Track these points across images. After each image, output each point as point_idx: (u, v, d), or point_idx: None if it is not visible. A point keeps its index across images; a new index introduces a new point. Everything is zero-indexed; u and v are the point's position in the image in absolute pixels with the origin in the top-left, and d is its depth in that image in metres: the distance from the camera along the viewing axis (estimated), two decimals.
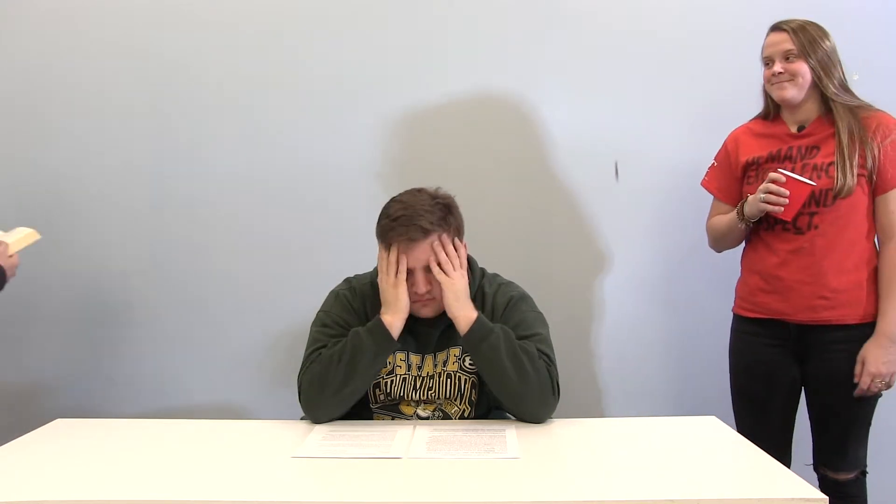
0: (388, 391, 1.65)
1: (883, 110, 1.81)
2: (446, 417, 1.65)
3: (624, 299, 2.34)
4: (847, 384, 1.78)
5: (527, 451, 1.38)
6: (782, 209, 1.75)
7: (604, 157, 2.30)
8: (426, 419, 1.64)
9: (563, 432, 1.52)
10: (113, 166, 2.31)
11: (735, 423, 1.94)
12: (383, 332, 1.56)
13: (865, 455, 1.85)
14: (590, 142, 2.30)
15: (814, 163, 1.80)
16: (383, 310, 1.60)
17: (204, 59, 2.30)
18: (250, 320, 2.35)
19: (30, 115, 2.28)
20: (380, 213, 1.62)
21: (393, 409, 1.66)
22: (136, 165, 2.27)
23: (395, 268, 1.58)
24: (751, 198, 1.82)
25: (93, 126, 2.25)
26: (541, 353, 1.57)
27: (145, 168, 2.30)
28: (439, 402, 1.65)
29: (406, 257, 1.57)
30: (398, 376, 1.64)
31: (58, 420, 1.65)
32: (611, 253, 2.34)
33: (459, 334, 1.61)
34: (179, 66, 2.29)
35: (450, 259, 1.58)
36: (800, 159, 1.82)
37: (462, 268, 1.61)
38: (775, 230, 1.83)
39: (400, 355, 1.65)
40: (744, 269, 1.96)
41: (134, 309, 2.35)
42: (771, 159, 1.86)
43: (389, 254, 1.58)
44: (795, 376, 1.86)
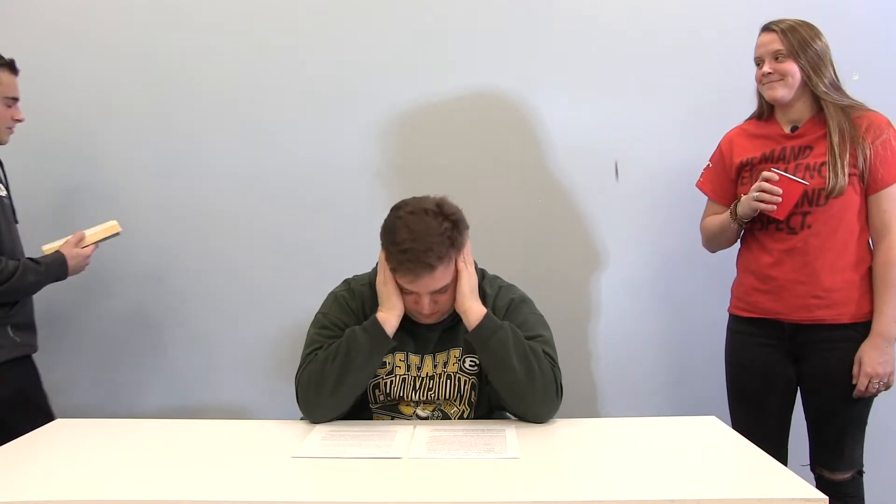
0: (388, 391, 1.65)
1: (874, 110, 1.81)
2: (445, 417, 1.65)
3: (623, 299, 2.34)
4: (842, 383, 1.79)
5: (527, 451, 1.38)
6: (775, 208, 1.75)
7: (604, 157, 2.31)
8: (426, 419, 1.64)
9: (563, 432, 1.52)
10: (112, 167, 2.31)
11: (731, 422, 1.94)
12: (378, 330, 1.56)
13: (862, 455, 1.86)
14: (590, 142, 2.30)
15: (806, 163, 1.80)
16: (379, 307, 1.60)
17: (204, 59, 2.30)
18: (250, 320, 2.35)
19: (30, 115, 2.28)
20: (384, 225, 1.57)
21: (392, 409, 1.66)
22: (136, 166, 2.27)
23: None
24: (744, 198, 1.82)
25: (92, 126, 2.24)
26: (546, 355, 1.57)
27: (145, 169, 2.30)
28: (439, 402, 1.65)
29: (410, 285, 1.55)
30: (398, 377, 1.64)
31: (58, 420, 1.65)
32: (610, 253, 2.34)
33: (461, 334, 1.62)
34: (180, 66, 2.29)
35: (466, 257, 1.58)
36: (793, 159, 1.83)
37: (471, 265, 1.62)
38: (769, 230, 1.84)
39: (399, 355, 1.65)
40: (739, 268, 1.96)
41: (134, 309, 2.35)
42: (764, 160, 1.86)
43: (390, 275, 1.56)
44: (791, 376, 1.87)
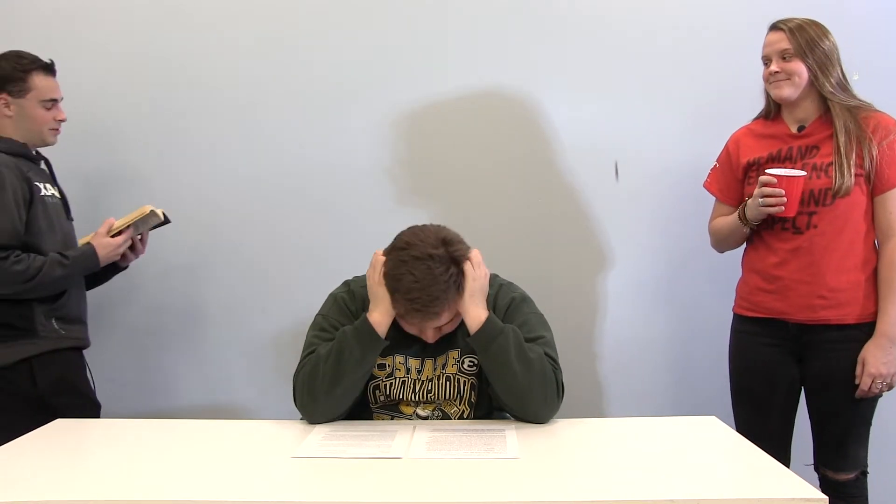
0: (388, 393, 1.64)
1: (882, 111, 1.81)
2: (446, 417, 1.65)
3: (624, 299, 2.34)
4: (847, 384, 1.78)
5: (527, 451, 1.38)
6: (783, 208, 1.75)
7: (604, 157, 2.30)
8: (426, 419, 1.64)
9: (563, 432, 1.52)
10: (113, 168, 2.31)
11: (734, 422, 1.94)
12: (369, 331, 1.55)
13: (866, 455, 1.85)
14: (590, 142, 2.30)
15: (813, 162, 1.80)
16: (371, 307, 1.58)
17: (205, 59, 2.30)
18: (251, 321, 2.35)
19: None
20: (389, 268, 1.52)
21: (392, 409, 1.66)
22: (136, 167, 2.27)
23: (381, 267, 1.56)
24: (750, 202, 1.82)
25: (92, 127, 2.24)
26: (547, 356, 1.56)
27: (146, 169, 2.30)
28: (439, 402, 1.65)
29: (414, 329, 1.57)
30: (397, 379, 1.64)
31: (58, 420, 1.65)
32: (611, 252, 2.34)
33: (460, 336, 1.61)
34: (180, 66, 2.29)
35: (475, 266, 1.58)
36: (800, 159, 1.83)
37: (481, 266, 1.59)
38: (775, 229, 1.83)
39: (399, 358, 1.64)
40: (744, 268, 1.96)
41: (134, 309, 2.35)
42: (771, 160, 1.86)
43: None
44: (795, 376, 1.87)
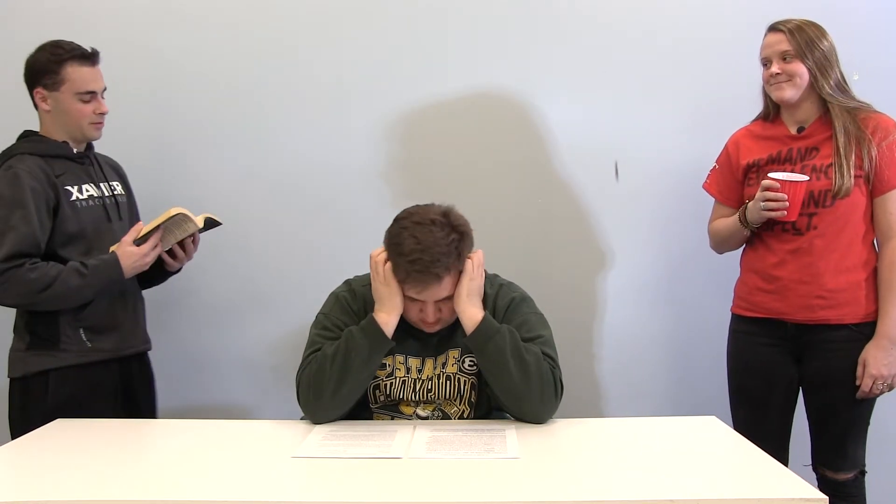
0: (388, 392, 1.65)
1: (881, 112, 1.81)
2: (446, 417, 1.65)
3: (624, 299, 2.34)
4: (845, 384, 1.78)
5: (527, 451, 1.38)
6: (785, 213, 1.75)
7: (604, 157, 2.30)
8: (426, 419, 1.64)
9: (563, 432, 1.52)
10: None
11: (732, 422, 1.94)
12: (376, 330, 1.55)
13: (864, 455, 1.86)
14: (590, 142, 2.30)
15: (813, 164, 1.80)
16: (377, 307, 1.59)
17: (204, 59, 2.29)
18: (251, 320, 2.34)
19: (30, 115, 2.28)
20: (390, 235, 1.56)
21: (392, 409, 1.66)
22: (136, 166, 2.26)
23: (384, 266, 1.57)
24: (751, 205, 1.81)
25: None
26: (545, 355, 1.57)
27: (145, 169, 2.30)
28: (439, 402, 1.65)
29: (416, 294, 1.55)
30: (398, 379, 1.64)
31: (58, 420, 1.65)
32: (611, 253, 2.33)
33: (460, 336, 1.61)
34: (180, 66, 2.29)
35: (475, 265, 1.58)
36: (799, 161, 1.83)
37: (480, 267, 1.60)
38: (774, 230, 1.83)
39: (399, 358, 1.64)
40: (743, 268, 1.96)
41: None
42: (771, 161, 1.86)
43: (390, 275, 1.55)
44: (793, 376, 1.87)
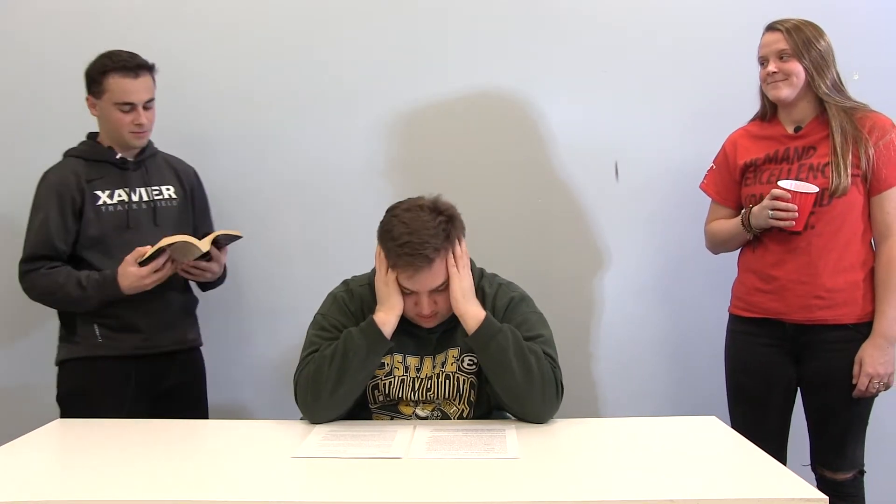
0: (387, 392, 1.64)
1: (877, 111, 1.81)
2: (445, 417, 1.65)
3: (623, 299, 2.34)
4: (844, 384, 1.79)
5: (527, 451, 1.38)
6: (794, 223, 1.75)
7: (604, 156, 2.30)
8: (425, 419, 1.64)
9: (563, 432, 1.52)
10: None
11: (731, 422, 1.94)
12: (375, 331, 1.56)
13: (863, 454, 1.86)
14: (590, 142, 2.30)
15: (810, 163, 1.80)
16: (377, 308, 1.59)
17: (205, 59, 2.29)
18: (250, 320, 2.34)
19: (30, 115, 2.28)
20: (381, 225, 1.59)
21: (392, 409, 1.66)
22: None
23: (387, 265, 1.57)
24: (756, 209, 1.81)
25: (92, 126, 2.24)
26: (546, 355, 1.57)
27: None
28: (438, 402, 1.65)
29: (409, 282, 1.55)
30: (396, 378, 1.64)
31: (58, 420, 1.65)
32: (610, 253, 2.33)
33: (459, 335, 1.61)
34: (180, 66, 2.28)
35: (457, 258, 1.57)
36: (796, 160, 1.83)
37: (467, 266, 1.61)
38: (772, 230, 1.83)
39: (398, 357, 1.64)
40: (740, 268, 1.96)
41: None
42: (768, 161, 1.86)
43: (391, 275, 1.56)
44: (792, 376, 1.87)
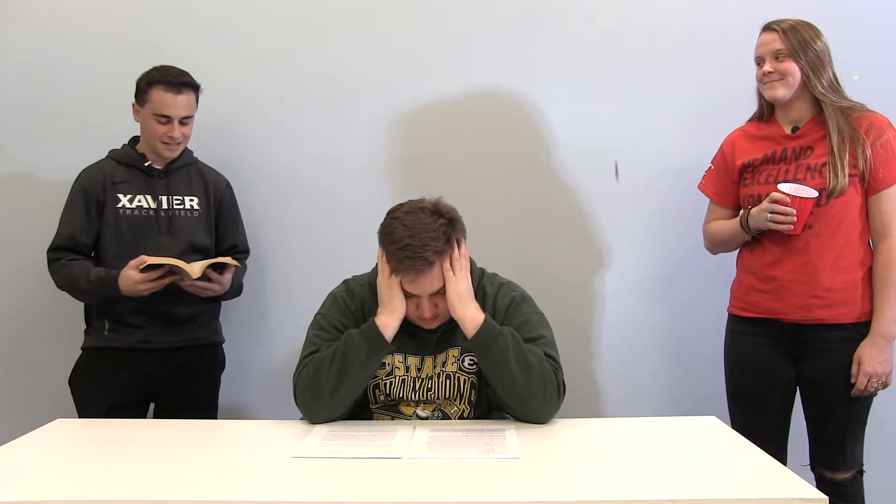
0: (388, 392, 1.65)
1: (874, 111, 1.82)
2: (445, 417, 1.65)
3: (623, 299, 2.34)
4: (843, 384, 1.79)
5: (527, 451, 1.38)
6: (792, 227, 1.75)
7: (604, 157, 2.30)
8: (426, 419, 1.64)
9: (563, 432, 1.52)
10: None
11: (730, 422, 1.94)
12: (376, 334, 1.55)
13: (862, 454, 1.86)
14: (590, 142, 2.30)
15: (807, 163, 1.81)
16: (379, 310, 1.59)
17: (206, 58, 2.29)
18: (249, 320, 2.34)
19: (29, 115, 2.28)
20: (381, 227, 1.58)
21: (392, 409, 1.66)
22: None
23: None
24: (755, 211, 1.81)
25: (93, 126, 2.24)
26: (547, 356, 1.57)
27: None
28: (438, 402, 1.65)
29: (411, 286, 1.55)
30: (397, 377, 1.64)
31: (58, 420, 1.65)
32: (610, 252, 2.34)
33: (459, 335, 1.61)
34: (181, 65, 2.28)
35: (454, 262, 1.57)
36: (794, 160, 1.83)
37: (465, 269, 1.60)
38: (771, 231, 1.83)
39: (398, 357, 1.64)
40: (739, 268, 1.96)
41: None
42: (766, 161, 1.86)
43: (395, 278, 1.56)
44: (791, 376, 1.87)
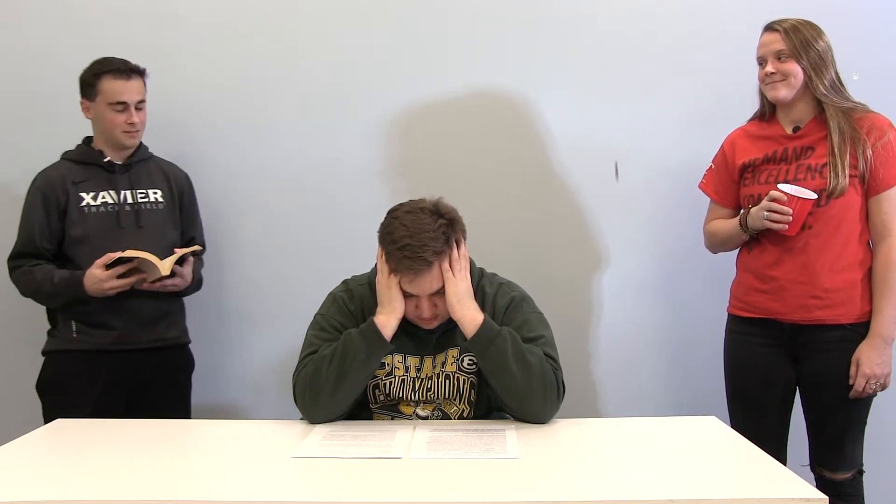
0: (388, 392, 1.65)
1: (876, 112, 1.82)
2: (445, 417, 1.65)
3: (623, 299, 2.34)
4: (842, 384, 1.79)
5: (527, 451, 1.38)
6: (787, 227, 1.75)
7: (604, 156, 2.30)
8: (425, 419, 1.64)
9: (563, 432, 1.52)
10: None
11: (730, 423, 1.94)
12: (375, 333, 1.55)
13: (862, 454, 1.86)
14: (590, 142, 2.30)
15: (808, 163, 1.81)
16: (378, 309, 1.59)
17: (204, 59, 2.29)
18: (249, 320, 2.34)
19: (29, 114, 2.28)
20: (381, 227, 1.58)
21: (392, 409, 1.66)
22: None
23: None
24: (753, 211, 1.81)
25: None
26: (547, 356, 1.57)
27: None
28: (438, 402, 1.65)
29: (410, 286, 1.55)
30: (397, 378, 1.64)
31: (58, 420, 1.65)
32: (610, 253, 2.33)
33: (459, 335, 1.61)
34: (180, 66, 2.29)
35: (453, 262, 1.56)
36: (795, 160, 1.83)
37: (465, 270, 1.59)
38: (770, 231, 1.83)
39: (398, 357, 1.64)
40: (739, 268, 1.96)
41: None
42: (767, 161, 1.86)
43: (394, 278, 1.56)
44: (790, 376, 1.87)
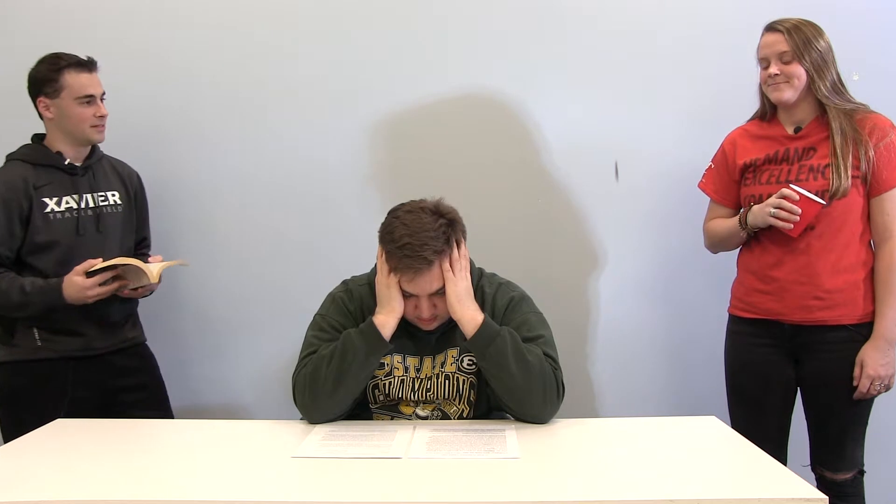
0: (387, 392, 1.65)
1: (878, 112, 1.81)
2: (445, 417, 1.65)
3: (622, 299, 2.34)
4: (843, 384, 1.79)
5: (527, 451, 1.38)
6: (792, 226, 1.75)
7: (604, 157, 2.30)
8: (425, 419, 1.64)
9: (563, 432, 1.52)
10: None
11: (730, 423, 1.94)
12: (374, 333, 1.55)
13: (863, 455, 1.86)
14: (590, 142, 2.30)
15: (810, 164, 1.80)
16: (377, 309, 1.59)
17: (202, 59, 2.29)
18: (249, 320, 2.34)
19: (28, 115, 2.28)
20: (382, 226, 1.59)
21: (392, 409, 1.66)
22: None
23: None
24: (756, 208, 1.81)
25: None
26: (546, 356, 1.57)
27: (144, 168, 2.29)
28: (438, 402, 1.65)
29: (410, 285, 1.55)
30: (396, 378, 1.64)
31: (58, 420, 1.65)
32: (610, 252, 2.33)
33: (458, 335, 1.61)
34: (178, 65, 2.29)
35: (453, 262, 1.57)
36: (796, 161, 1.83)
37: (465, 270, 1.60)
38: (771, 230, 1.83)
39: (397, 357, 1.64)
40: (740, 268, 1.96)
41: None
42: (768, 161, 1.86)
43: (393, 277, 1.56)
44: (791, 376, 1.87)
